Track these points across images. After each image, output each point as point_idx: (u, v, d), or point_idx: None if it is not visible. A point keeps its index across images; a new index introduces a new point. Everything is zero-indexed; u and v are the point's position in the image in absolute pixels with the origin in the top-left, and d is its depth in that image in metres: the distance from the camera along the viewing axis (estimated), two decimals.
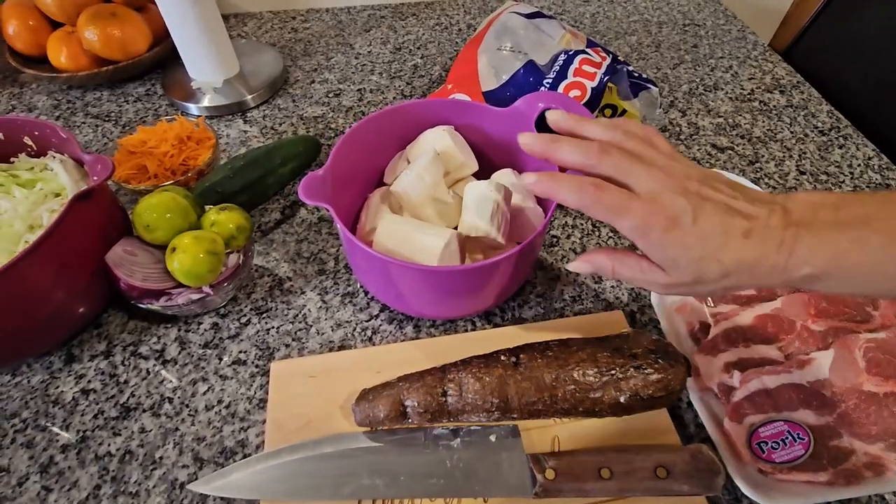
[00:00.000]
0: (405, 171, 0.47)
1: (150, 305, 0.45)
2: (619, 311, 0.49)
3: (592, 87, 0.58)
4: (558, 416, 0.41)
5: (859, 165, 0.67)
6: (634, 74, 0.63)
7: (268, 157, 0.58)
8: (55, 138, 0.49)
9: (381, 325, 0.50)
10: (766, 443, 0.39)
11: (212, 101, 0.71)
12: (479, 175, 0.52)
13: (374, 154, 0.52)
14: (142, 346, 0.48)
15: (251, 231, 0.49)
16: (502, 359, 0.40)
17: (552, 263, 0.55)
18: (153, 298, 0.45)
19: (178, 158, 0.58)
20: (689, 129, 0.71)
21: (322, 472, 0.38)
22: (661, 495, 0.37)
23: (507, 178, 0.49)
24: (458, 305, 0.47)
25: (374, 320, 0.50)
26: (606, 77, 0.59)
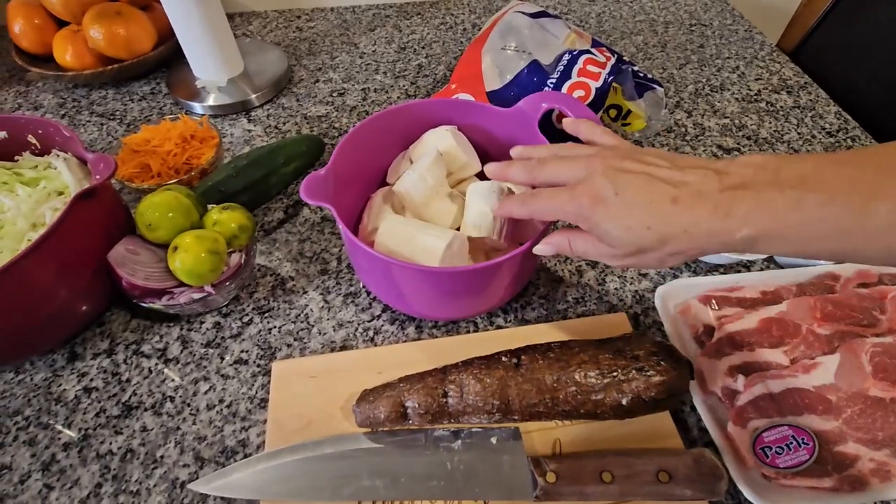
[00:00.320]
0: (408, 171, 0.47)
1: (152, 304, 0.45)
2: (622, 314, 0.49)
3: (597, 88, 0.58)
4: (560, 418, 0.41)
5: None
6: (640, 74, 0.63)
7: (271, 156, 0.58)
8: (59, 137, 0.49)
9: (382, 325, 0.49)
10: (771, 447, 0.38)
11: (216, 99, 0.71)
12: (481, 175, 0.52)
13: (376, 154, 0.52)
14: (144, 345, 0.48)
15: (253, 230, 0.49)
16: (503, 360, 0.40)
17: (555, 265, 0.55)
18: (155, 297, 0.45)
19: (182, 157, 0.58)
20: (695, 129, 0.71)
21: (322, 473, 0.38)
22: (663, 500, 0.37)
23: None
24: (461, 306, 0.47)
25: (376, 321, 0.50)
26: (611, 77, 0.58)
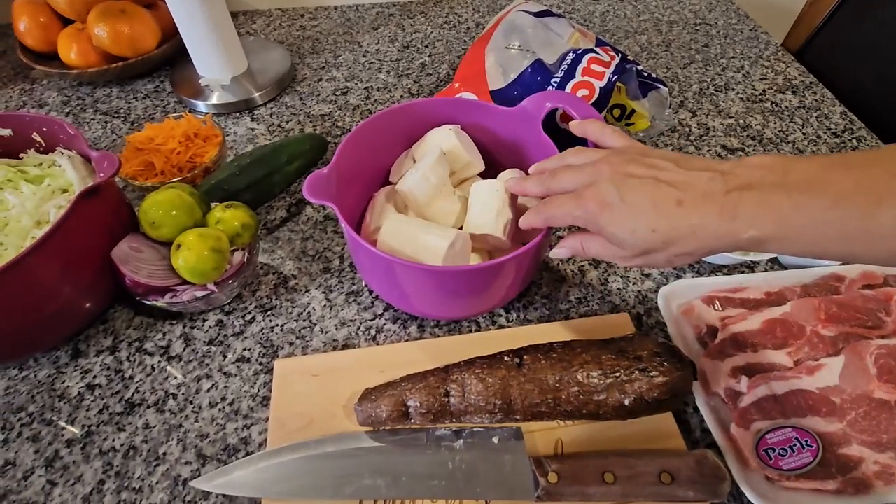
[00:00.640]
0: (411, 170, 0.47)
1: (155, 302, 0.46)
2: (625, 314, 0.49)
3: (601, 87, 0.58)
4: (562, 418, 0.41)
5: None
6: (644, 74, 0.62)
7: (274, 154, 0.58)
8: (63, 135, 0.49)
9: (385, 324, 0.49)
10: (774, 449, 0.38)
11: (220, 98, 0.71)
12: (485, 175, 0.51)
13: (379, 152, 0.52)
14: (147, 343, 0.48)
15: (256, 229, 0.50)
16: (506, 360, 0.40)
17: (558, 265, 0.54)
18: (158, 295, 0.45)
19: (185, 155, 0.59)
20: (699, 129, 0.70)
21: (324, 472, 0.38)
22: (666, 501, 0.37)
23: (514, 178, 0.49)
24: (463, 306, 0.46)
25: (379, 319, 0.50)
26: (615, 76, 0.58)
